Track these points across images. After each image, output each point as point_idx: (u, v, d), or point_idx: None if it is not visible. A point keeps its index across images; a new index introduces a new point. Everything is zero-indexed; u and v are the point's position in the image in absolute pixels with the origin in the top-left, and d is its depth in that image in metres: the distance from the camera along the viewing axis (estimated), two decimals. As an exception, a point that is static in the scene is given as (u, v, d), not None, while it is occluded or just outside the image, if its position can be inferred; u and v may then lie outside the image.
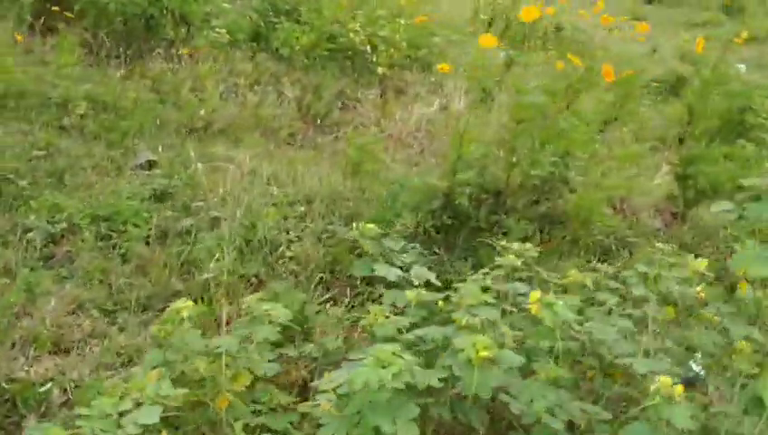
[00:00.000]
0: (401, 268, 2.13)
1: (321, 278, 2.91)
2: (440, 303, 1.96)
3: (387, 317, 1.79)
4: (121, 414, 1.49)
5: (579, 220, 3.19)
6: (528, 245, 2.43)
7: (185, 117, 4.54)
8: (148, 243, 3.09)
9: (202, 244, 3.01)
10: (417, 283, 2.07)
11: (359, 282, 2.81)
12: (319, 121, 5.04)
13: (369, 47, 5.49)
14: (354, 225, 2.17)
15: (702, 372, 2.03)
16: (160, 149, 4.07)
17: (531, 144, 3.23)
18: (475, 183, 3.32)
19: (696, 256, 2.19)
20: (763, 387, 1.55)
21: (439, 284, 2.17)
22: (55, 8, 5.05)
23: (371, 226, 2.12)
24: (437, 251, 3.05)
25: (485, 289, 1.86)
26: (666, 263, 2.10)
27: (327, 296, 2.72)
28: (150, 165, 3.88)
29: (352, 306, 2.71)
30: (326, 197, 3.71)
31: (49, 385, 2.18)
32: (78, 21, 5.28)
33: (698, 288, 2.02)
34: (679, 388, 1.52)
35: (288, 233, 3.26)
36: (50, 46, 5.01)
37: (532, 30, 8.41)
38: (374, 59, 5.42)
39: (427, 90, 5.90)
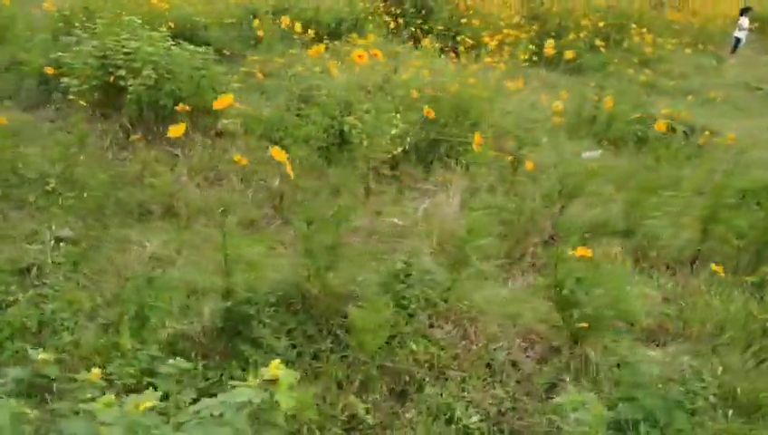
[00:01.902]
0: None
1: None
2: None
3: None
4: None
5: (360, 342, 2.67)
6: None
7: (145, 200, 4.72)
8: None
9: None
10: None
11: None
12: (288, 212, 4.92)
13: (364, 141, 5.30)
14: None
15: None
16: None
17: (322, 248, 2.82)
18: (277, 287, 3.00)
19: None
20: None
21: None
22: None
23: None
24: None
25: None
26: None
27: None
28: (60, 241, 4.07)
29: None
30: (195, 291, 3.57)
31: None
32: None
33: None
34: None
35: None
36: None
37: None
38: (367, 153, 5.21)
39: (434, 186, 5.52)
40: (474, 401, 2.70)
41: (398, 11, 10.61)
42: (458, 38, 8.03)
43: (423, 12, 11.44)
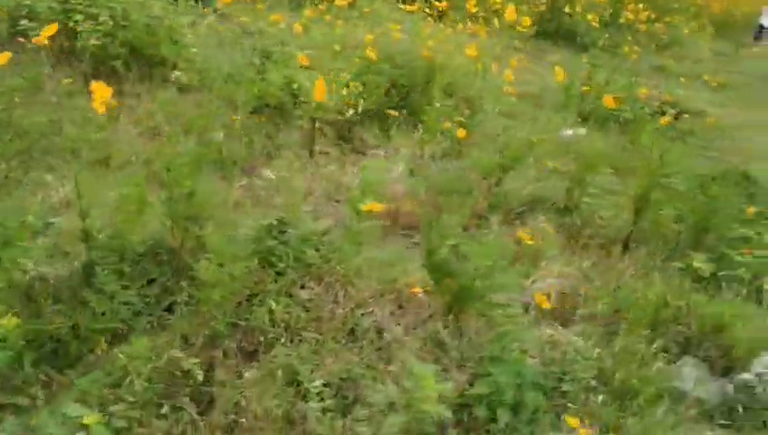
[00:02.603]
0: None
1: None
2: None
3: None
4: None
5: (207, 297, 2.56)
6: None
7: (79, 147, 4.64)
8: None
9: None
10: None
11: None
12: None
13: (313, 101, 5.15)
14: None
15: None
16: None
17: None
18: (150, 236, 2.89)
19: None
20: None
21: None
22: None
23: None
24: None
25: None
26: None
27: None
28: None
29: None
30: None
31: None
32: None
33: None
34: None
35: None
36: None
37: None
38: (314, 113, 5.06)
39: (385, 152, 5.36)
40: (323, 365, 2.58)
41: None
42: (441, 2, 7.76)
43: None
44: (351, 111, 5.28)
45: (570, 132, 6.76)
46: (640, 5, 9.68)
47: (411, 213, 3.96)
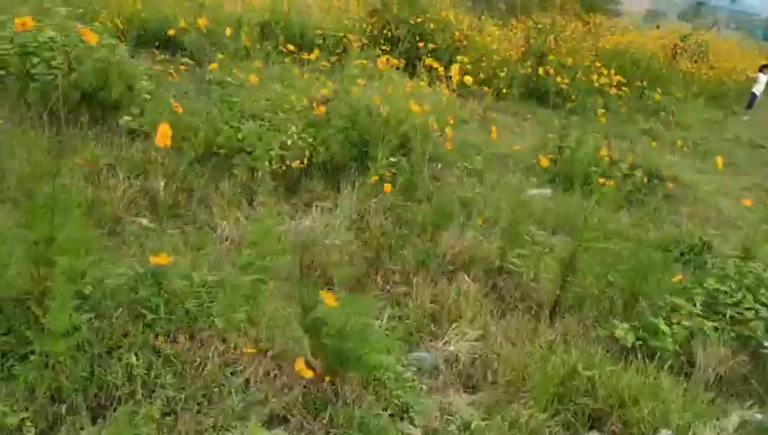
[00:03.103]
0: None
1: None
2: None
3: None
4: None
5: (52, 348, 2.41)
6: None
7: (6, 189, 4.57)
8: None
9: None
10: None
11: None
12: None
13: (257, 150, 5.09)
14: None
15: None
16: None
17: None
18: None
19: None
20: None
21: None
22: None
23: None
24: None
25: None
26: None
27: None
28: None
29: None
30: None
31: None
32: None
33: None
34: None
35: None
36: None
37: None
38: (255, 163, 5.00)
39: (332, 205, 5.25)
40: (175, 426, 2.40)
41: (376, 31, 10.50)
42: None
43: (418, 38, 11.28)
44: (297, 163, 5.19)
45: (534, 192, 6.70)
46: (612, 70, 9.72)
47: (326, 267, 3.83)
